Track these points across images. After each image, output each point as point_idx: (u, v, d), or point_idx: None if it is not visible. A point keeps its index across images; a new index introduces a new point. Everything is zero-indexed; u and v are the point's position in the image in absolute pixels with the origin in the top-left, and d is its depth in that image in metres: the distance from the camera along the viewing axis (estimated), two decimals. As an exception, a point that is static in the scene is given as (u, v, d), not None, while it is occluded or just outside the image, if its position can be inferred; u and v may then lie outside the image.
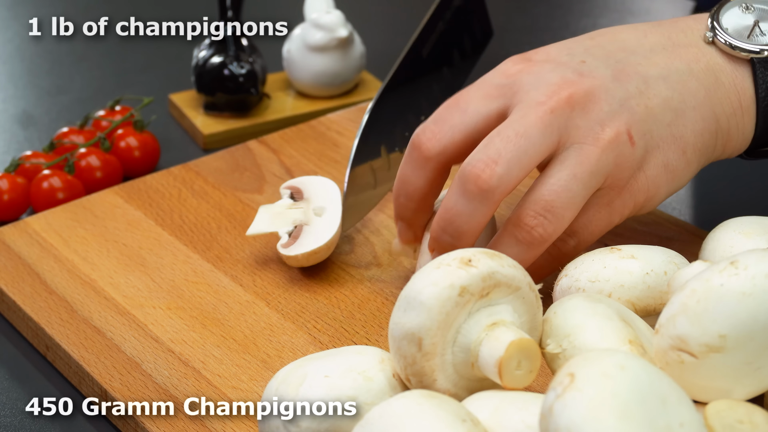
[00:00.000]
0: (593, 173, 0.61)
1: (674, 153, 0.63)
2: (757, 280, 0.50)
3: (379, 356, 0.55)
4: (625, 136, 0.62)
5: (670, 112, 0.63)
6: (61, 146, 0.84)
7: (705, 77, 0.64)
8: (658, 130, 0.63)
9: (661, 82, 0.64)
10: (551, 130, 0.61)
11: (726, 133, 0.65)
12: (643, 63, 0.64)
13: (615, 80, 0.63)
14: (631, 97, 0.63)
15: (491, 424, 0.50)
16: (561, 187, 0.61)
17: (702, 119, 0.64)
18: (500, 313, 0.54)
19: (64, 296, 0.68)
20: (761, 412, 0.50)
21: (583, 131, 0.61)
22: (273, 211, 0.71)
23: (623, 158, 0.62)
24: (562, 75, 0.63)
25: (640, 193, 0.63)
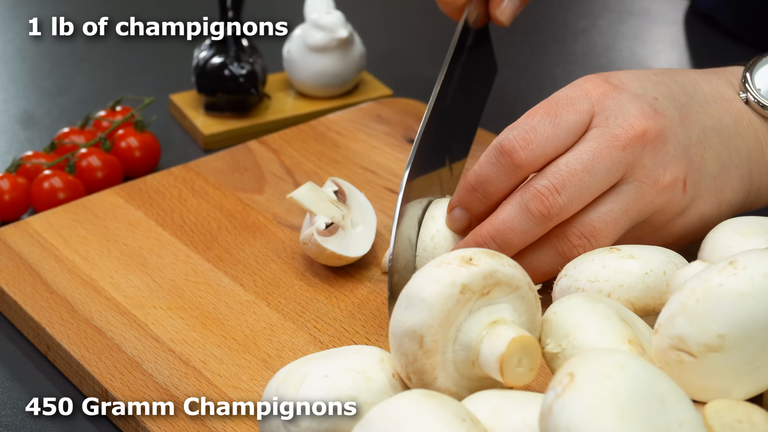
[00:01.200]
0: (642, 212, 0.63)
1: (712, 206, 0.65)
2: (756, 280, 0.50)
3: (379, 356, 0.55)
4: (680, 183, 0.63)
5: (719, 166, 0.65)
6: (62, 146, 0.84)
7: (747, 136, 0.66)
8: (705, 181, 0.64)
9: (715, 134, 0.65)
10: (618, 167, 0.63)
11: (756, 192, 0.67)
12: (702, 112, 0.65)
13: (681, 125, 0.64)
14: (692, 144, 0.64)
15: (491, 424, 0.51)
16: (612, 219, 0.63)
17: (741, 178, 0.66)
18: (500, 311, 0.54)
19: (64, 296, 0.68)
20: (760, 412, 0.50)
21: (647, 171, 0.63)
22: (319, 194, 0.70)
23: (672, 204, 0.64)
24: (640, 108, 0.64)
25: (671, 237, 0.65)
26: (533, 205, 0.62)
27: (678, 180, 0.63)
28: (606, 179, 0.62)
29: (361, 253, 0.70)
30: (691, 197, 0.64)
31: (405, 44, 1.06)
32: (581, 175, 0.62)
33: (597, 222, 0.63)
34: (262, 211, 0.77)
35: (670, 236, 0.65)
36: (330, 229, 0.69)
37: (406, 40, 1.07)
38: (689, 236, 0.66)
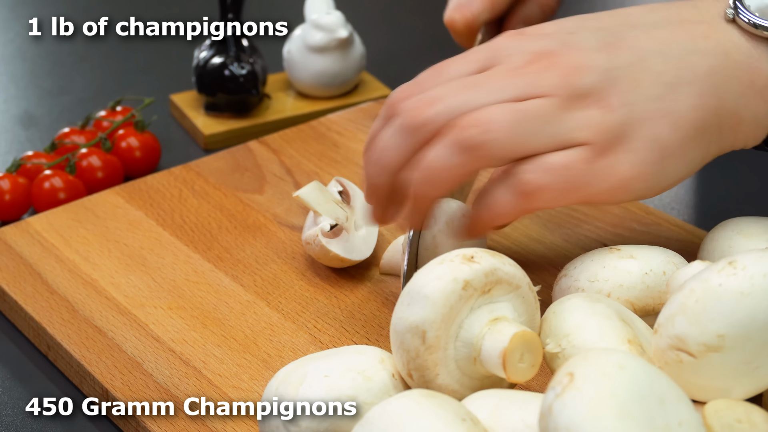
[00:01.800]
0: (556, 120, 0.59)
1: (666, 128, 0.60)
2: (756, 280, 0.50)
3: (378, 356, 0.55)
4: (600, 103, 0.59)
5: (661, 87, 0.60)
6: (63, 146, 0.84)
7: (712, 53, 0.61)
8: (644, 102, 0.60)
9: (657, 56, 0.61)
10: (513, 89, 0.59)
11: (733, 113, 0.61)
12: (641, 37, 0.62)
13: (603, 52, 0.61)
14: (617, 68, 0.60)
15: (491, 423, 0.51)
16: (516, 109, 0.59)
17: (699, 94, 0.60)
18: (501, 310, 0.54)
19: (65, 296, 0.69)
20: (760, 412, 0.50)
21: (554, 89, 0.59)
22: (324, 193, 0.70)
23: (594, 119, 0.59)
24: (542, 45, 0.61)
25: (624, 165, 0.59)
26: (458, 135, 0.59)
27: (593, 97, 0.59)
28: (496, 95, 0.59)
29: (364, 256, 0.70)
30: (626, 118, 0.59)
31: (405, 44, 1.06)
32: (464, 90, 0.59)
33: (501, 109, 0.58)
34: (263, 211, 0.77)
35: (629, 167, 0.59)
36: (334, 231, 0.69)
37: (406, 40, 1.07)
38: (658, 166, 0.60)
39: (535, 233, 0.74)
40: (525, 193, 0.59)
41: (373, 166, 0.61)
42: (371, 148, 0.61)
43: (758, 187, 0.82)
